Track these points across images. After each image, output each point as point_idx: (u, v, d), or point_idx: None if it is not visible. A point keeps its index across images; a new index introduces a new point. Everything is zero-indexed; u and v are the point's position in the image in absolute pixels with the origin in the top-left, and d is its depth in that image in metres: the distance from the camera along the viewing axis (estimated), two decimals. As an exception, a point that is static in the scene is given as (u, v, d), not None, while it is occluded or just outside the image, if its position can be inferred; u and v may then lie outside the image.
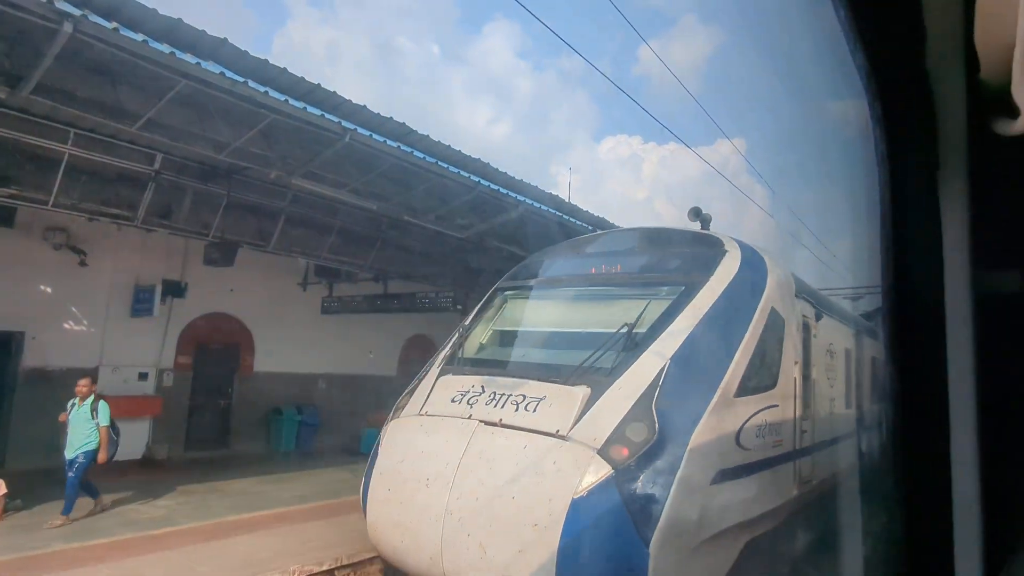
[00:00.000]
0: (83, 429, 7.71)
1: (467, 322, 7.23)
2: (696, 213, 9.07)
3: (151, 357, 11.90)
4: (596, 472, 4.70)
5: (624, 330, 5.66)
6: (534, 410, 5.37)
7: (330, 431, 14.50)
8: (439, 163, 9.36)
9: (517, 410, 5.44)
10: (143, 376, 11.69)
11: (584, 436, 4.95)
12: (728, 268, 6.16)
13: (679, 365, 5.30)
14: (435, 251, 14.09)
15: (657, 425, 4.89)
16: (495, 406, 5.57)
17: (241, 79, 6.94)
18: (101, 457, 7.74)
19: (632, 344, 5.59)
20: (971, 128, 0.83)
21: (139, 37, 6.14)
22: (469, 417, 5.60)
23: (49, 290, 10.50)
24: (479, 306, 7.49)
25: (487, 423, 5.45)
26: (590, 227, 13.09)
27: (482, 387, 5.85)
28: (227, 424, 13.28)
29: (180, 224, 10.14)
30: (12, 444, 9.86)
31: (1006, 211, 0.82)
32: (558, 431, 5.08)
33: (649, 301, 5.96)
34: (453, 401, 5.90)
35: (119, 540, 6.99)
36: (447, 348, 6.86)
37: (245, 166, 9.28)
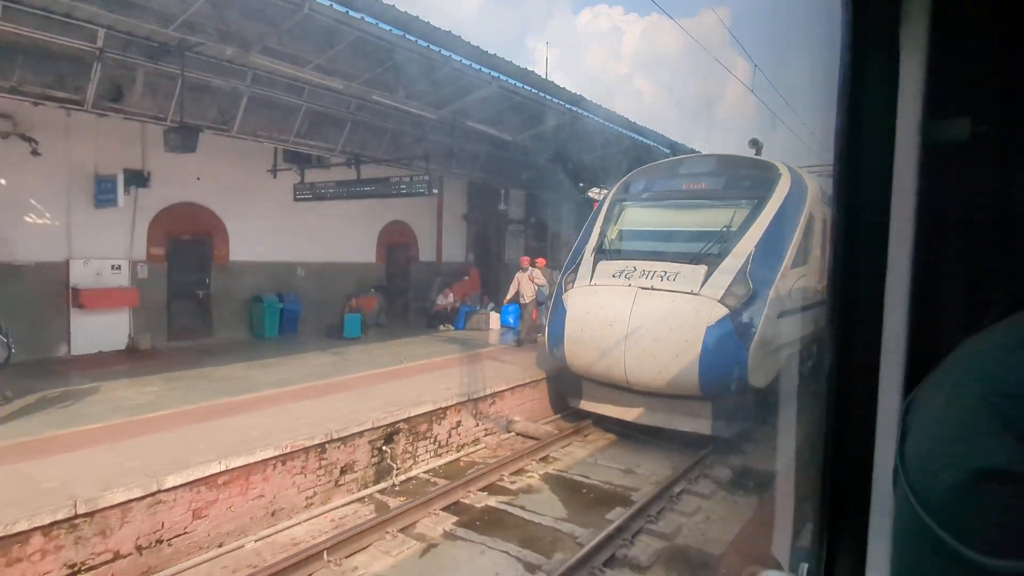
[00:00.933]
0: None
1: (599, 223, 10.20)
2: (753, 142, 11.97)
3: (122, 249, 11.67)
4: (719, 312, 8.17)
5: (723, 229, 8.90)
6: (674, 280, 8.63)
7: (312, 317, 14.71)
8: (406, 36, 8.78)
9: (663, 280, 8.69)
10: (116, 268, 11.53)
11: (709, 293, 8.33)
12: (784, 186, 9.14)
13: (760, 250, 8.52)
14: (408, 133, 13.61)
15: (751, 285, 8.24)
16: (647, 279, 8.80)
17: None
18: None
19: (728, 238, 8.78)
20: None
21: None
22: (630, 285, 8.87)
23: (3, 181, 10.05)
24: (604, 213, 10.34)
25: (644, 288, 8.71)
26: (568, 105, 12.66)
27: (633, 267, 9.08)
28: (208, 313, 13.34)
29: (133, 107, 9.58)
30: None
31: (961, 61, 0.79)
32: (692, 291, 8.43)
33: (735, 210, 9.06)
34: (614, 276, 9.17)
35: (111, 425, 7.18)
36: (591, 242, 10.00)
37: (197, 42, 8.63)
